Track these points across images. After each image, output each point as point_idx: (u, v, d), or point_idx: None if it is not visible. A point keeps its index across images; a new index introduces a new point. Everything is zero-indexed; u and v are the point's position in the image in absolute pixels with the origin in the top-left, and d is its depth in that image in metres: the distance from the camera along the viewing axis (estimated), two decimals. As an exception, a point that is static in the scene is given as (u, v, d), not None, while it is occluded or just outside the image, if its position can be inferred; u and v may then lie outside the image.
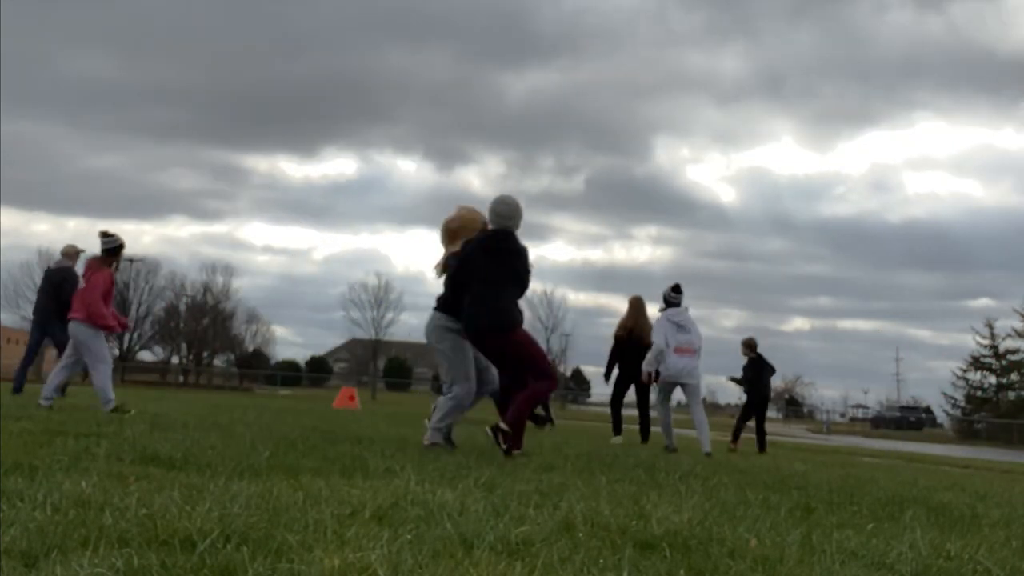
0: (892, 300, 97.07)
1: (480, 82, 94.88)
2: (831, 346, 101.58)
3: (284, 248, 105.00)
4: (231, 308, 62.98)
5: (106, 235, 7.56)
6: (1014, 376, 49.48)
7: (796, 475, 5.83)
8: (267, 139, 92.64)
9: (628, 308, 10.41)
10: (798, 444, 18.21)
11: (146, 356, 60.53)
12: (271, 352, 68.93)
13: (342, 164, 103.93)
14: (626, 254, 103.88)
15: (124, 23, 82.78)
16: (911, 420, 55.51)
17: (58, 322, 10.25)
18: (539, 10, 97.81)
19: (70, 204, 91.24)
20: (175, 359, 62.24)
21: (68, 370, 7.62)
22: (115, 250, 7.58)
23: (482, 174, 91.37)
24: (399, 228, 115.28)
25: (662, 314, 8.91)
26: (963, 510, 4.16)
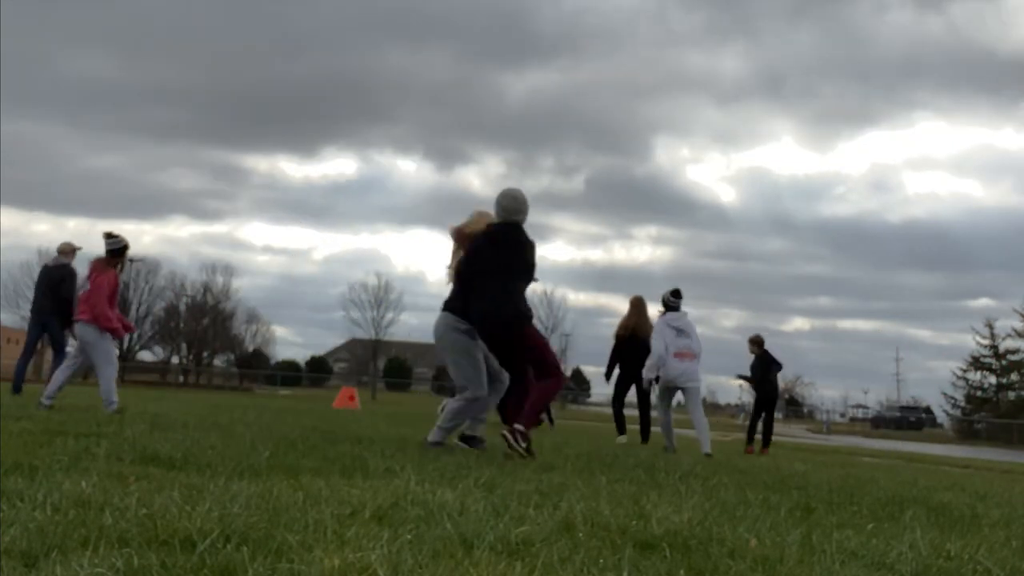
0: (892, 300, 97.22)
1: (480, 82, 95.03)
2: (831, 346, 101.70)
3: (284, 248, 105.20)
4: (231, 308, 63.11)
5: (110, 236, 7.54)
6: (1014, 376, 49.48)
7: (796, 475, 5.82)
8: (267, 139, 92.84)
9: (629, 308, 10.42)
10: (798, 444, 18.21)
11: (146, 356, 60.67)
12: (271, 352, 69.05)
13: (342, 164, 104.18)
14: (626, 254, 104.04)
15: (124, 23, 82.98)
16: (911, 420, 55.48)
17: (57, 319, 10.24)
18: (539, 10, 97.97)
19: (70, 204, 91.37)
20: (175, 359, 62.34)
21: (72, 370, 7.62)
22: (119, 251, 7.57)
23: (482, 174, 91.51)
24: (399, 228, 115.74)
25: (661, 319, 8.91)
26: (963, 510, 4.15)
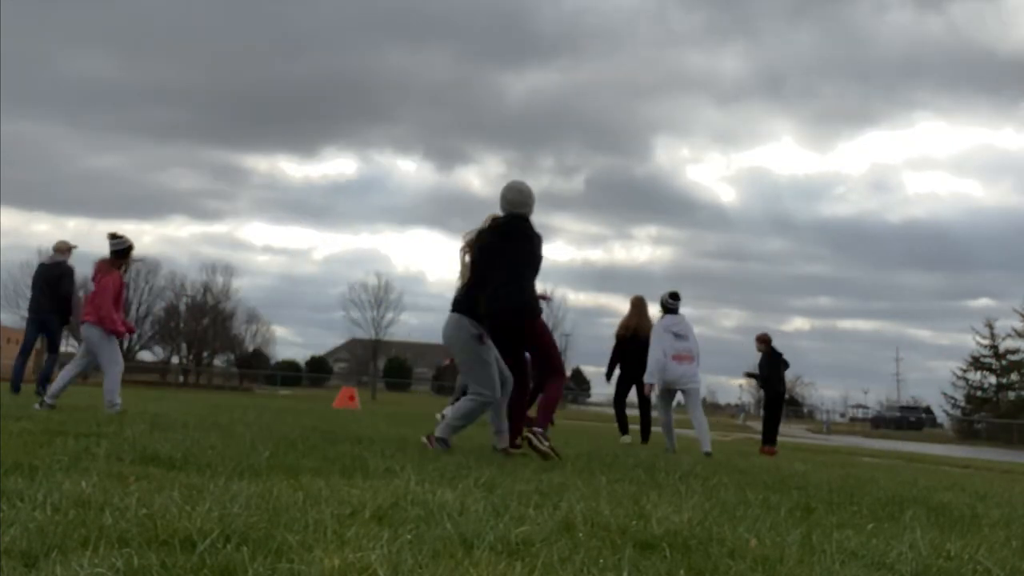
0: (892, 300, 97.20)
1: (480, 82, 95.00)
2: (831, 346, 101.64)
3: (284, 248, 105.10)
4: (231, 308, 63.09)
5: (115, 237, 7.52)
6: (1014, 376, 49.48)
7: (796, 475, 5.82)
8: (267, 139, 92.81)
9: (630, 308, 10.44)
10: (798, 444, 18.20)
11: (146, 356, 60.65)
12: (271, 352, 69.01)
13: (342, 164, 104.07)
14: (626, 254, 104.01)
15: (124, 23, 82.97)
16: (911, 420, 55.46)
17: (55, 317, 10.25)
18: (539, 10, 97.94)
19: (70, 204, 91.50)
20: (175, 359, 62.34)
21: (78, 371, 7.61)
22: (124, 252, 7.56)
23: (482, 174, 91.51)
24: (399, 228, 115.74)
25: (659, 323, 8.94)
26: (963, 510, 4.15)
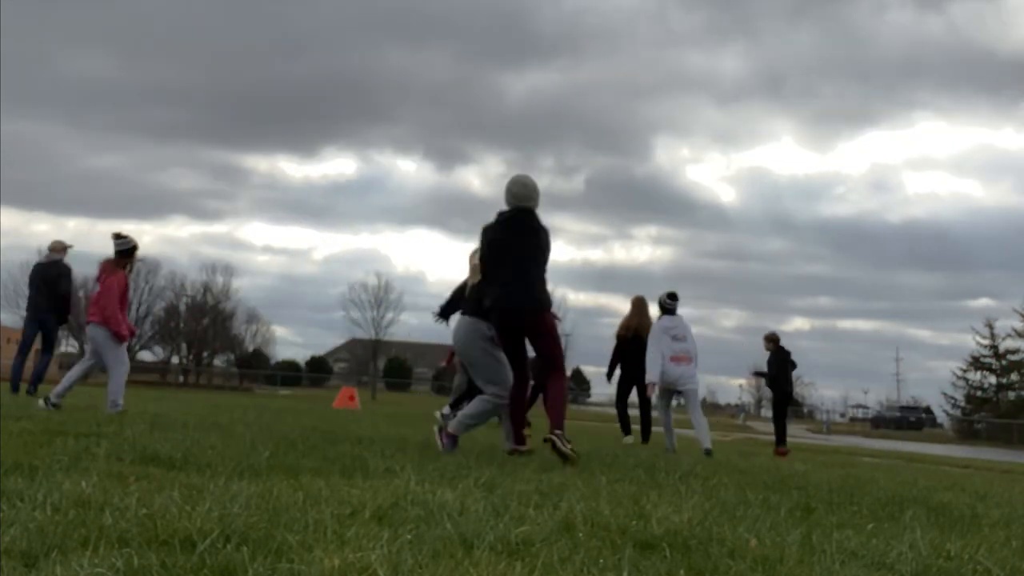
0: (892, 300, 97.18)
1: (480, 82, 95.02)
2: (831, 346, 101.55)
3: (284, 248, 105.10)
4: (231, 308, 63.09)
5: (119, 237, 7.51)
6: (1014, 376, 49.43)
7: (796, 475, 5.82)
8: (267, 139, 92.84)
9: (631, 308, 10.44)
10: (798, 444, 18.19)
11: (146, 356, 60.61)
12: (271, 352, 69.02)
13: (342, 164, 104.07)
14: (626, 254, 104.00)
15: (124, 23, 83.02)
16: (911, 420, 55.42)
17: (53, 316, 10.27)
18: (539, 10, 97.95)
19: (70, 204, 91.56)
20: (175, 359, 62.35)
21: (84, 371, 7.61)
22: (129, 252, 7.54)
23: (482, 174, 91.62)
24: (399, 228, 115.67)
25: (657, 324, 8.96)
26: (963, 510, 4.15)
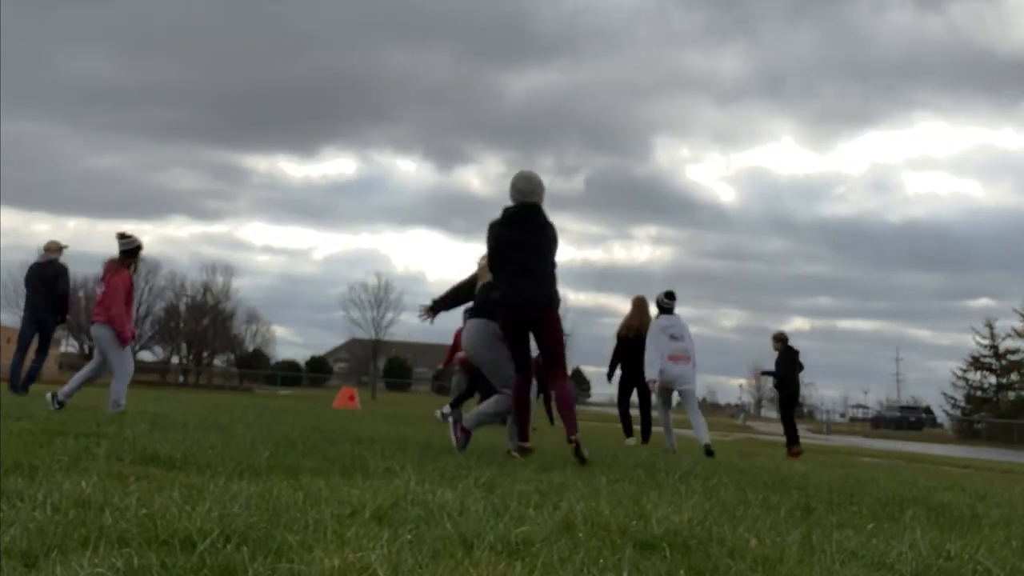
0: (892, 300, 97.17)
1: (480, 82, 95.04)
2: (831, 346, 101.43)
3: (284, 248, 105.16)
4: (231, 308, 63.16)
5: (124, 236, 7.50)
6: (1014, 376, 49.41)
7: (796, 475, 5.82)
8: (267, 139, 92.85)
9: (631, 308, 10.44)
10: (798, 444, 18.19)
11: (146, 356, 60.62)
12: (271, 352, 69.06)
13: (342, 164, 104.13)
14: (626, 254, 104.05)
15: (124, 23, 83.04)
16: (911, 420, 55.38)
17: (51, 316, 10.28)
18: (539, 10, 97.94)
19: (70, 204, 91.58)
20: (175, 359, 62.38)
21: (92, 372, 7.60)
22: (133, 251, 7.54)
23: (482, 174, 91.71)
24: (399, 228, 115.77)
25: (655, 323, 8.98)
26: (963, 510, 4.15)
